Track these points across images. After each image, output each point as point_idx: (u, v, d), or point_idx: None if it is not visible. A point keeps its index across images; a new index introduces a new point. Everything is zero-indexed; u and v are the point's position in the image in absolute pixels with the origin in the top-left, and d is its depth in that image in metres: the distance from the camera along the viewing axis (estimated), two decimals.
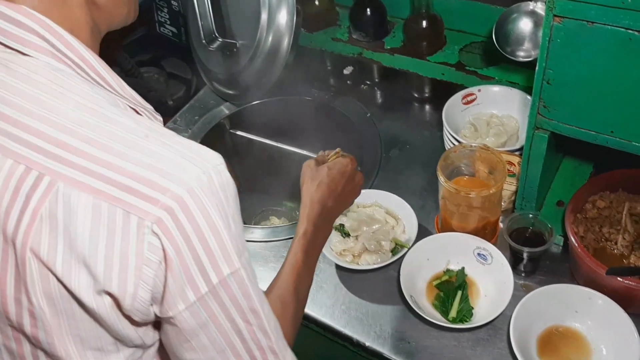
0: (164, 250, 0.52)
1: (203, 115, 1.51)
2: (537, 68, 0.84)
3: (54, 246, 0.52)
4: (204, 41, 1.37)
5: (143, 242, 0.51)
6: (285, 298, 0.76)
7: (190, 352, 0.59)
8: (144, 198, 0.51)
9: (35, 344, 0.58)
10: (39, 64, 0.56)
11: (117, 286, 0.53)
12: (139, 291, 0.54)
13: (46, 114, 0.53)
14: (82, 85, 0.57)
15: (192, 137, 1.43)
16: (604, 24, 0.74)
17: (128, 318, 0.57)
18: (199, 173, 0.53)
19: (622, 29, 0.73)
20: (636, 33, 0.73)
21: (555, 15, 0.77)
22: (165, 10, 1.70)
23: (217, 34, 1.36)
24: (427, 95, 1.42)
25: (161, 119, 0.66)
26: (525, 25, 1.08)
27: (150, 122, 0.58)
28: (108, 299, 0.54)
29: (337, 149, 0.98)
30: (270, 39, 1.32)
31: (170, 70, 1.85)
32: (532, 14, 1.10)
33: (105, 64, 0.61)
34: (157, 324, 0.61)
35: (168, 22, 1.72)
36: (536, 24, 1.07)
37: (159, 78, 1.90)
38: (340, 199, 0.91)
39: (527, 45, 1.08)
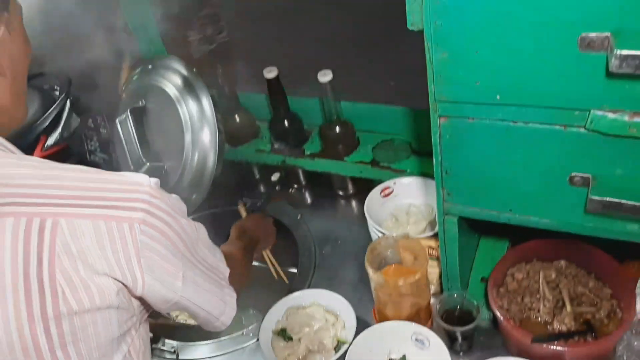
0: (153, 238, 0.69)
1: None
2: (434, 161, 0.93)
3: (75, 268, 0.64)
4: (131, 167, 1.42)
5: (137, 239, 0.67)
6: None
7: None
8: (126, 209, 0.67)
9: None
10: None
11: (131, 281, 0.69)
12: (146, 278, 0.70)
13: (24, 180, 0.66)
14: (21, 154, 0.72)
15: None
16: (482, 119, 0.84)
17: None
18: (146, 181, 0.71)
19: (499, 121, 0.83)
20: (511, 123, 0.83)
21: (440, 116, 0.86)
22: (95, 138, 1.74)
23: (144, 159, 1.42)
24: (351, 192, 1.51)
25: None
26: None
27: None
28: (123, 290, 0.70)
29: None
30: (196, 157, 1.38)
31: None
32: None
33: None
34: None
35: (99, 150, 1.76)
36: None
37: None
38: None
39: None
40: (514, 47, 0.75)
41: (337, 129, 1.37)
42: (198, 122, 1.37)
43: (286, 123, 1.44)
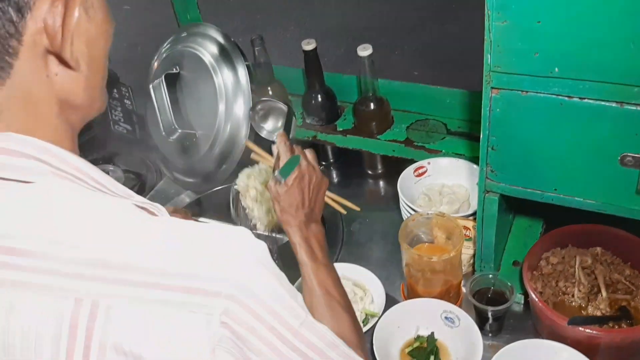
0: (236, 334, 0.52)
1: (164, 204, 1.52)
2: (481, 136, 0.92)
3: None
4: (163, 133, 1.42)
5: (214, 335, 0.51)
6: (327, 302, 0.84)
7: None
8: (206, 294, 0.51)
9: None
10: (43, 187, 0.53)
11: None
12: None
13: (72, 238, 0.50)
14: (91, 195, 0.55)
15: None
16: (537, 92, 0.83)
17: None
18: (245, 252, 0.54)
19: (553, 96, 0.82)
20: (566, 98, 0.82)
21: (492, 88, 0.85)
22: (119, 109, 1.75)
23: (176, 126, 1.41)
24: (380, 171, 1.50)
25: (164, 209, 0.63)
26: None
27: (178, 222, 0.57)
28: None
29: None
30: (228, 128, 1.37)
31: (124, 166, 1.89)
32: None
33: (95, 167, 0.58)
34: None
35: (122, 120, 1.77)
36: None
37: (113, 175, 1.92)
38: (309, 201, 0.95)
39: None
40: (578, 17, 0.74)
41: (372, 105, 1.35)
42: (232, 93, 1.37)
43: (320, 98, 1.42)
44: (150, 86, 1.43)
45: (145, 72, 1.54)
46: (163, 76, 1.41)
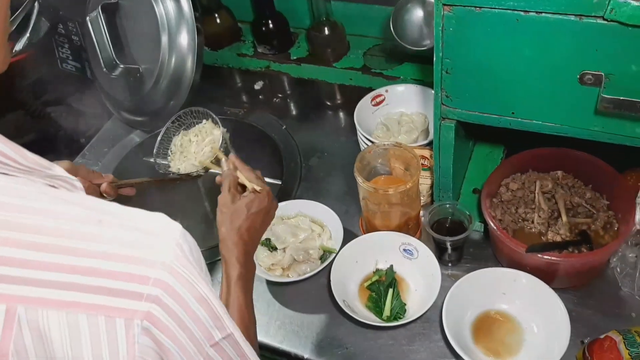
0: (158, 344, 0.47)
1: (113, 146, 1.45)
2: (434, 59, 0.86)
3: None
4: (105, 69, 1.33)
5: (134, 345, 0.46)
6: None
7: None
8: (126, 295, 0.45)
9: None
10: None
11: None
12: None
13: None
14: None
15: (104, 170, 1.37)
16: (491, 8, 0.76)
17: None
18: (172, 247, 0.48)
19: (509, 11, 0.76)
20: (522, 13, 0.75)
21: (444, 5, 0.78)
22: (67, 46, 1.63)
23: (117, 61, 1.32)
24: (338, 101, 1.43)
25: (79, 184, 0.57)
26: (419, 14, 1.12)
27: (96, 202, 0.51)
28: None
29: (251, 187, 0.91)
30: (173, 60, 1.29)
31: (78, 107, 1.79)
32: (424, 3, 1.13)
33: (1, 136, 0.50)
34: None
35: (70, 58, 1.66)
36: (429, 13, 1.10)
37: (67, 116, 1.83)
38: (257, 233, 0.90)
39: (425, 34, 1.12)
40: None
41: (326, 30, 1.27)
42: (175, 22, 1.27)
43: (271, 24, 1.33)
44: (87, 18, 1.33)
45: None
46: (100, 7, 1.31)
